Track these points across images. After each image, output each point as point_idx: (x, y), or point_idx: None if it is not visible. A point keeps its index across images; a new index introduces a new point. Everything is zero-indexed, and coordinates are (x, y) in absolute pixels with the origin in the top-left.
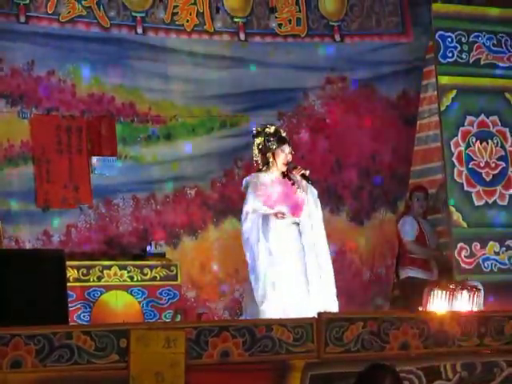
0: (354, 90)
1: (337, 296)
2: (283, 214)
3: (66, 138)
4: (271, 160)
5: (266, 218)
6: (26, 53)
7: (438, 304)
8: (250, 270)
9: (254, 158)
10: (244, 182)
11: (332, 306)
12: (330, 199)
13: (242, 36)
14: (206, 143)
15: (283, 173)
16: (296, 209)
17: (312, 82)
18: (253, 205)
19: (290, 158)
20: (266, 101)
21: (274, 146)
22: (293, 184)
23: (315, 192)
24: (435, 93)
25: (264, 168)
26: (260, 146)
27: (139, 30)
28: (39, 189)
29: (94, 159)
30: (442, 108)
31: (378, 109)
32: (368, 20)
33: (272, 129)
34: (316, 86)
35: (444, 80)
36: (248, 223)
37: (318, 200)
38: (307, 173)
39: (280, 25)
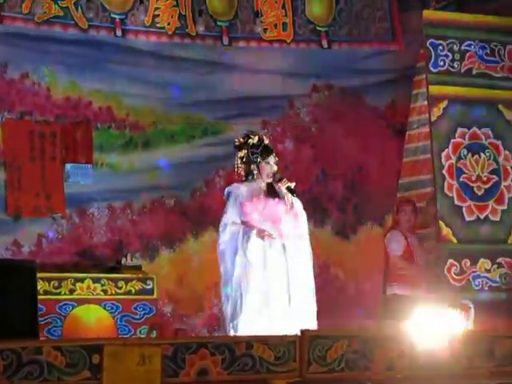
0: (340, 99)
1: (317, 316)
2: (270, 235)
3: (39, 144)
4: (256, 172)
5: (246, 230)
6: None
7: (426, 322)
8: (223, 284)
9: (236, 170)
10: (226, 192)
11: (311, 325)
12: (315, 211)
13: (226, 40)
14: (186, 151)
15: (267, 184)
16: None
17: (298, 89)
18: (232, 217)
19: (275, 168)
20: (249, 108)
21: (259, 159)
22: (277, 199)
23: (301, 205)
24: (425, 103)
25: (249, 178)
26: (243, 159)
27: (118, 33)
28: (10, 196)
29: (68, 166)
30: (433, 119)
31: (365, 118)
32: (357, 26)
33: (255, 139)
34: (302, 93)
35: (435, 90)
36: (226, 235)
37: (304, 212)
38: (293, 185)
39: (265, 29)
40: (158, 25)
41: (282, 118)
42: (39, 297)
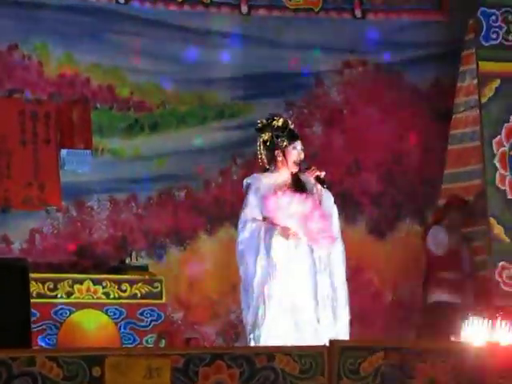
0: (376, 77)
1: (350, 326)
2: (296, 234)
3: (30, 126)
4: (280, 159)
5: (269, 228)
6: None
7: (474, 334)
8: (242, 289)
9: (259, 156)
10: (244, 184)
11: (343, 336)
12: (346, 206)
13: (245, 9)
14: (198, 136)
15: (293, 174)
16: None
17: (327, 65)
18: (253, 213)
19: (302, 156)
20: (271, 87)
21: (285, 143)
22: (305, 194)
23: (332, 198)
24: (475, 82)
25: (271, 168)
26: (267, 143)
27: None
28: None
29: (64, 152)
30: (483, 100)
31: (405, 100)
32: None
33: (280, 121)
34: (332, 70)
35: (486, 67)
36: (246, 233)
37: (335, 207)
38: (322, 175)
39: None
40: None
41: (309, 99)
42: (32, 300)
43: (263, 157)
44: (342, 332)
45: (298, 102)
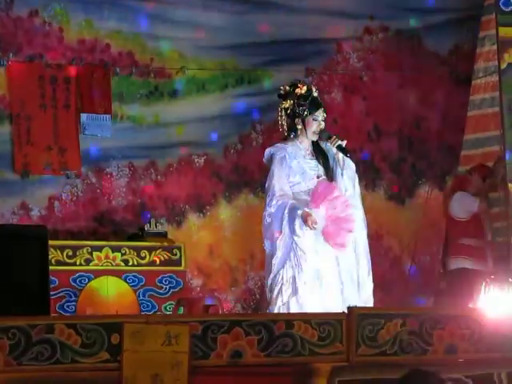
0: (396, 43)
1: (373, 292)
2: (314, 222)
3: (50, 91)
4: (300, 127)
5: (293, 208)
6: None
7: (493, 300)
8: (267, 265)
9: (280, 123)
10: (267, 154)
11: (367, 302)
12: (366, 173)
13: None
14: (218, 102)
15: (314, 142)
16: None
17: (347, 31)
18: (280, 185)
19: (323, 125)
20: (291, 53)
21: (306, 113)
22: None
23: (353, 167)
24: (494, 47)
25: (291, 136)
26: (288, 111)
27: None
28: (17, 151)
29: (84, 117)
30: (503, 66)
31: (425, 66)
32: None
33: (304, 89)
34: (352, 36)
35: (506, 32)
36: (272, 208)
37: (357, 176)
38: (344, 143)
39: None
40: None
41: (329, 65)
42: (51, 268)
43: (283, 123)
44: (367, 301)
45: (318, 69)
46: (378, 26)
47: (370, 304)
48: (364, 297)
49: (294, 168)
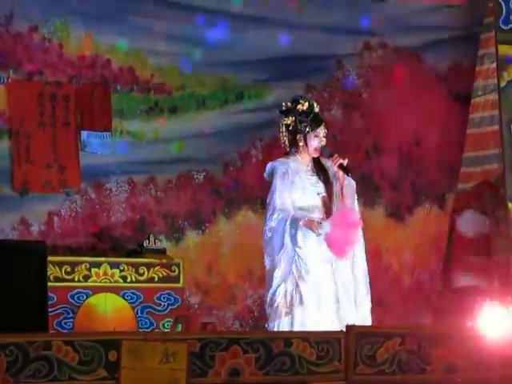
0: (396, 60)
1: (371, 311)
2: (319, 225)
3: (50, 108)
4: (301, 144)
5: (295, 220)
6: (2, 4)
7: (493, 319)
8: (268, 281)
9: (281, 139)
10: (269, 168)
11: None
12: (365, 190)
13: None
14: (218, 119)
15: (314, 159)
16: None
17: (347, 48)
18: (282, 199)
19: (324, 142)
20: (291, 70)
21: (307, 129)
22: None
23: (354, 185)
24: (493, 65)
25: (292, 151)
26: (289, 127)
27: None
28: (17, 169)
29: (84, 134)
30: (502, 84)
31: (424, 83)
32: None
33: (305, 105)
34: (352, 53)
35: (505, 50)
36: (273, 222)
37: (356, 195)
38: (345, 162)
39: None
40: None
41: (329, 81)
42: (49, 284)
43: (285, 139)
44: (364, 321)
45: (318, 85)
46: (378, 42)
47: (368, 323)
48: (361, 316)
49: (296, 183)
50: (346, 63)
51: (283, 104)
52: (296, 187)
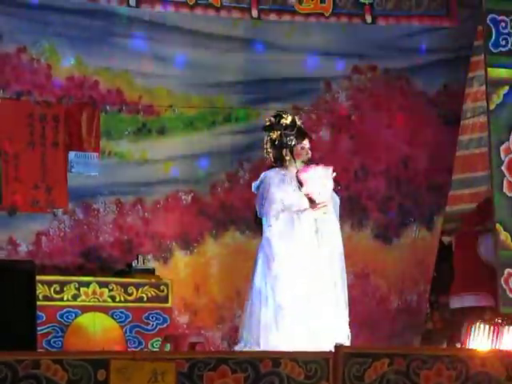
0: (385, 82)
1: (352, 331)
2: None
3: (39, 129)
4: (288, 158)
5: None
6: None
7: (480, 340)
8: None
9: (266, 155)
10: (262, 177)
11: (343, 339)
12: (353, 212)
13: (255, 13)
14: (206, 140)
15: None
16: None
17: (336, 70)
18: (283, 199)
19: (309, 155)
20: (279, 92)
21: (293, 142)
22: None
23: (338, 201)
24: (482, 88)
25: (278, 165)
26: (275, 142)
27: (132, 2)
28: (5, 188)
29: (72, 155)
30: (492, 107)
31: (413, 105)
32: None
33: (289, 119)
34: (341, 75)
35: (495, 73)
36: (280, 223)
37: (338, 211)
38: (333, 175)
39: (300, 1)
40: None
41: (317, 104)
42: (38, 303)
43: (270, 155)
44: (342, 334)
45: (306, 107)
46: (367, 65)
47: (345, 338)
48: (338, 329)
49: (289, 193)
50: (335, 86)
51: (267, 120)
52: (289, 197)
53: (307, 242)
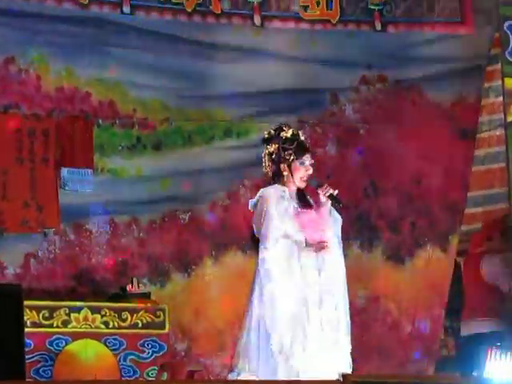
0: (395, 94)
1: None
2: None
3: (28, 144)
4: (286, 173)
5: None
6: None
7: (502, 369)
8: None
9: (264, 168)
10: (259, 194)
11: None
12: (362, 231)
13: (257, 20)
14: (204, 155)
15: (299, 190)
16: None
17: (343, 81)
18: (282, 225)
19: (311, 171)
20: (283, 104)
21: (292, 157)
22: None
23: (340, 221)
24: (499, 99)
25: (277, 181)
26: (273, 156)
27: (126, 9)
28: None
29: (64, 171)
30: (509, 119)
31: (425, 118)
32: (418, 4)
33: (289, 132)
34: (348, 86)
35: None
36: (279, 251)
37: (340, 232)
38: (335, 193)
39: (306, 7)
40: (175, 0)
41: (324, 117)
42: (26, 329)
43: (268, 170)
44: (344, 362)
45: (311, 120)
46: (376, 75)
47: (346, 367)
48: (339, 357)
49: (288, 212)
50: (342, 97)
51: (265, 132)
52: (289, 216)
53: (307, 277)
